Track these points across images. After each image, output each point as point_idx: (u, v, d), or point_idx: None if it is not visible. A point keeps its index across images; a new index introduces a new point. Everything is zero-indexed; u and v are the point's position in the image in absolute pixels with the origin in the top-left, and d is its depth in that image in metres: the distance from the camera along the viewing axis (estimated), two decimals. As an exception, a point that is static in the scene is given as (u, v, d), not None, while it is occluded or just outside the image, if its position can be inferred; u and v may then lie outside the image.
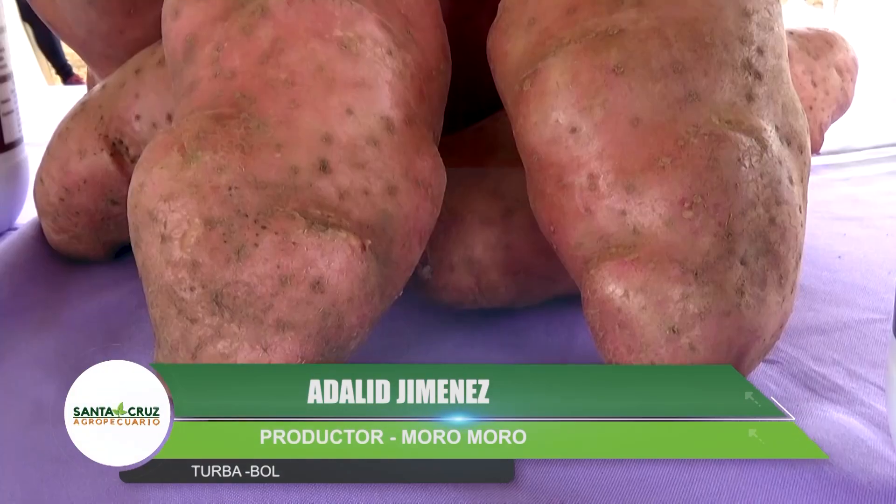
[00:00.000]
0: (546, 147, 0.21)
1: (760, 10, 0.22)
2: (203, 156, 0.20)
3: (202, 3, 0.23)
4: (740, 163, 0.20)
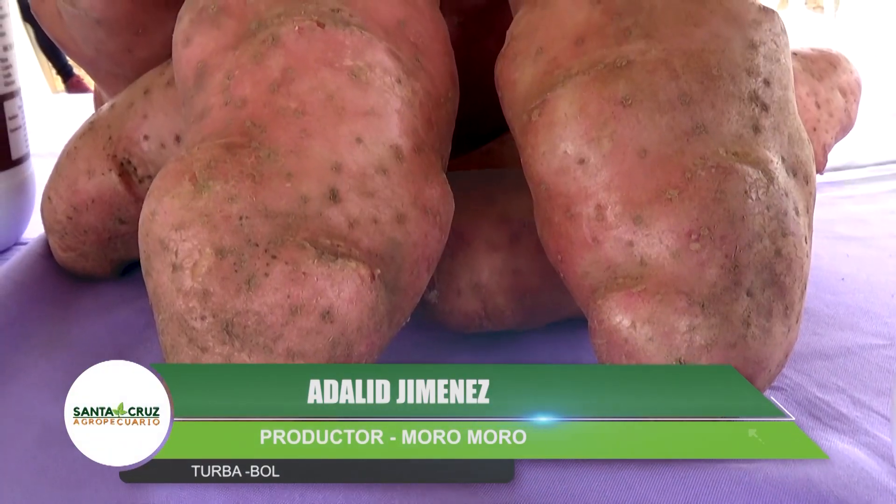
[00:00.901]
0: (554, 177, 0.22)
1: (767, 42, 0.22)
2: (214, 185, 0.20)
3: (213, 30, 0.23)
4: (747, 195, 0.21)
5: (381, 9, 0.23)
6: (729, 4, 0.22)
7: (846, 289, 0.31)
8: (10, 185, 0.35)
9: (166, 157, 0.29)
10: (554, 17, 0.23)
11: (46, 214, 0.31)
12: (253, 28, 0.22)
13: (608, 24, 0.22)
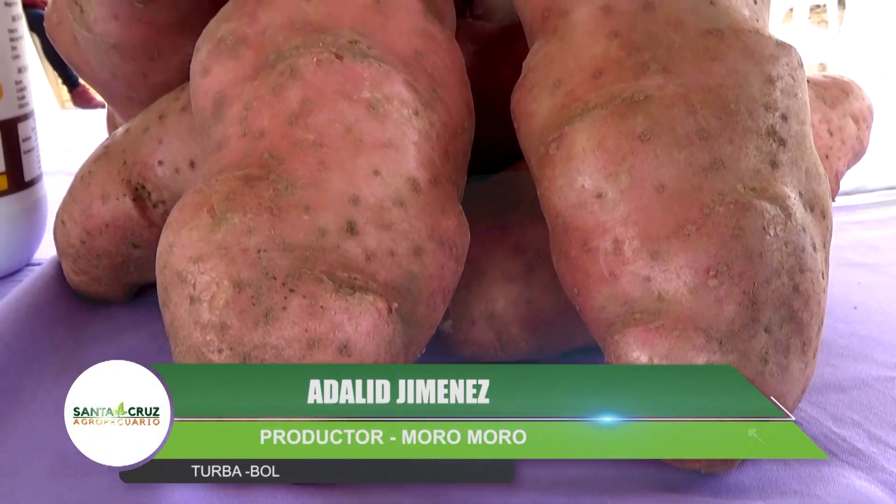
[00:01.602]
0: (571, 211, 0.22)
1: (784, 77, 0.22)
2: (232, 218, 0.20)
3: (232, 61, 0.23)
4: (765, 231, 0.21)
5: (399, 40, 0.23)
6: (746, 39, 0.22)
7: (859, 318, 0.31)
8: (23, 206, 0.35)
9: (181, 183, 0.29)
10: (571, 50, 0.23)
11: (60, 238, 0.31)
12: (271, 60, 0.22)
13: (626, 58, 0.22)
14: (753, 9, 0.24)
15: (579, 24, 0.23)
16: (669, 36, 0.22)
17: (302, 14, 0.23)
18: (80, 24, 0.30)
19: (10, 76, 0.34)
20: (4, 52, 0.33)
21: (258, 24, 0.23)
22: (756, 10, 0.24)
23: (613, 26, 0.22)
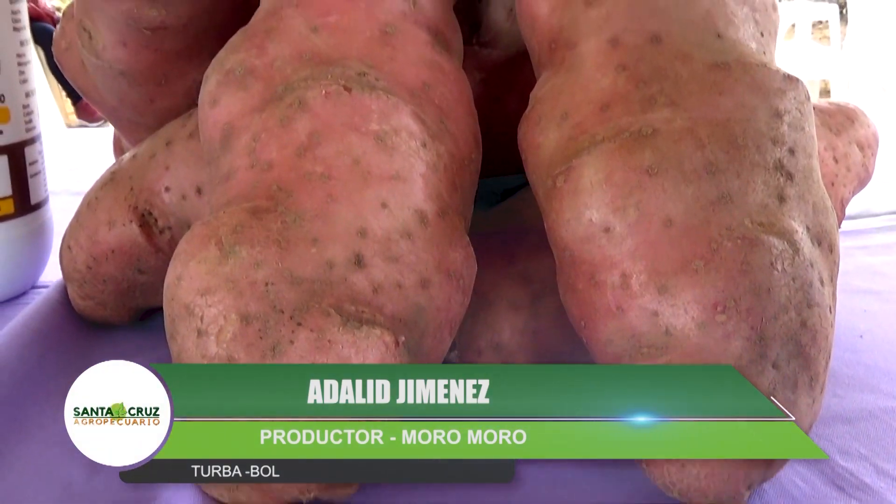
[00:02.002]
0: (579, 244, 0.22)
1: (792, 111, 0.22)
2: (240, 251, 0.21)
3: (240, 92, 0.23)
4: (773, 267, 0.21)
5: (407, 72, 0.23)
6: (754, 73, 0.22)
7: (865, 347, 0.31)
8: (29, 229, 0.35)
9: (187, 209, 0.29)
10: (579, 82, 0.23)
11: (66, 263, 0.31)
12: (280, 91, 0.23)
13: (633, 91, 0.22)
14: (760, 41, 0.24)
15: (587, 57, 0.23)
16: (677, 69, 0.22)
17: (310, 46, 0.23)
18: (88, 51, 0.30)
19: (17, 100, 0.34)
20: (12, 77, 0.33)
21: (267, 56, 0.23)
22: (763, 43, 0.24)
23: (621, 59, 0.22)
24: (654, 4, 0.23)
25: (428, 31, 0.25)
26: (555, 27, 0.24)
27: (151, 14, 0.28)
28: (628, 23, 0.23)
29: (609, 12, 0.23)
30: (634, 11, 0.23)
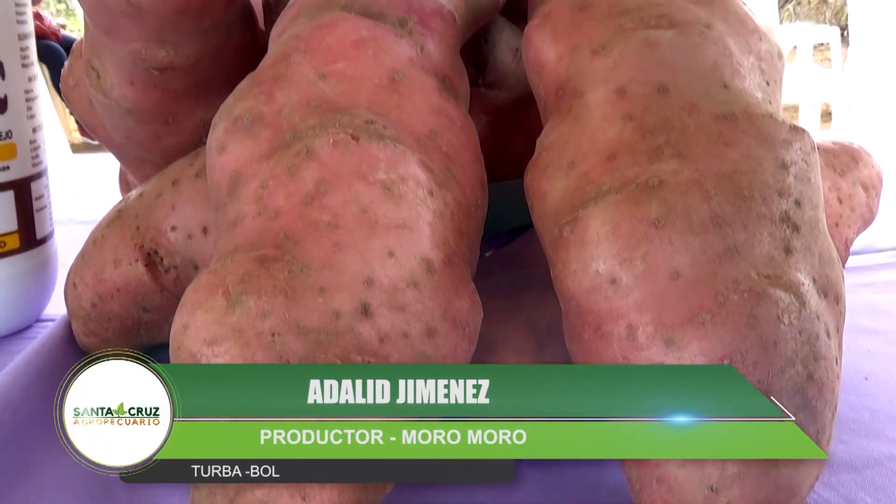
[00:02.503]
0: (585, 295, 0.22)
1: (798, 162, 0.22)
2: (247, 301, 0.21)
3: (248, 140, 0.23)
4: (779, 320, 0.21)
5: (414, 119, 0.24)
6: (760, 124, 0.22)
7: (870, 390, 0.31)
8: (34, 263, 0.35)
9: (193, 248, 0.29)
10: (586, 131, 0.23)
11: (70, 300, 0.31)
12: (288, 139, 0.23)
13: (640, 142, 0.22)
14: (766, 91, 0.24)
15: (594, 106, 0.23)
16: (683, 120, 0.22)
17: (318, 93, 0.23)
18: (96, 89, 0.30)
19: (24, 136, 0.34)
20: (20, 113, 0.34)
21: (275, 103, 0.23)
22: (769, 92, 0.24)
23: (628, 109, 0.23)
24: (661, 55, 0.23)
25: (435, 78, 0.25)
26: (562, 75, 0.24)
27: (159, 54, 0.28)
28: (635, 73, 0.23)
29: (616, 62, 0.23)
30: (641, 62, 0.23)
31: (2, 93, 0.33)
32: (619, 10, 0.24)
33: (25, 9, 0.34)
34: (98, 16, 0.28)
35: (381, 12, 0.25)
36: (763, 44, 0.24)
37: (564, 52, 0.24)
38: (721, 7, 0.24)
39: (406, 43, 0.25)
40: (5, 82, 0.33)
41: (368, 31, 0.24)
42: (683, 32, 0.23)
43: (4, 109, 0.33)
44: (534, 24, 0.25)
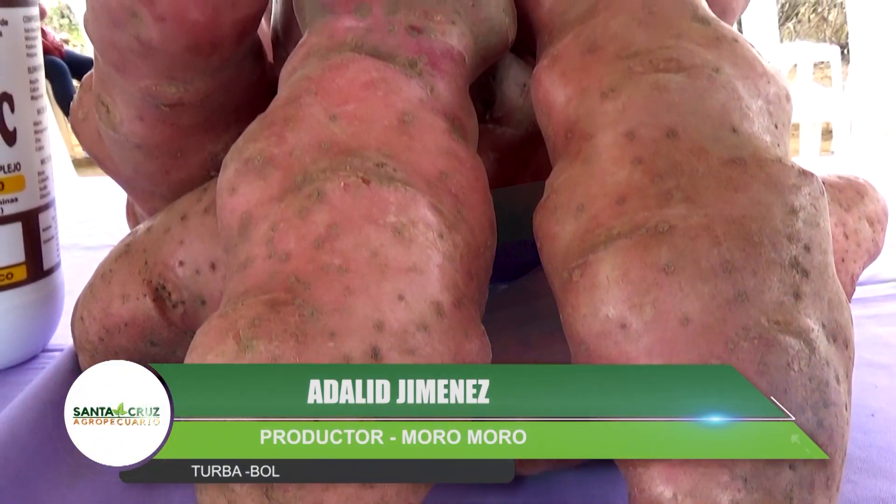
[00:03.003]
0: (595, 339, 0.22)
1: (807, 207, 0.22)
2: (258, 345, 0.21)
3: (259, 182, 0.23)
4: (789, 367, 0.21)
5: (424, 161, 0.24)
6: (770, 169, 0.22)
7: (877, 427, 0.31)
8: (40, 294, 0.35)
9: (201, 284, 0.29)
10: (595, 175, 0.23)
11: (78, 334, 0.31)
12: (298, 182, 0.23)
13: (649, 186, 0.22)
14: (775, 134, 0.24)
15: (603, 150, 0.23)
16: (693, 164, 0.22)
17: (329, 135, 0.23)
18: (105, 124, 0.31)
19: (33, 168, 0.34)
20: (29, 146, 0.34)
21: (286, 145, 0.23)
22: (777, 135, 0.24)
23: (637, 153, 0.23)
24: (670, 99, 0.23)
25: (444, 119, 0.25)
26: (571, 117, 0.24)
27: (170, 91, 0.29)
28: (644, 116, 0.23)
29: (625, 105, 0.23)
30: (650, 105, 0.23)
31: (11, 125, 0.33)
32: (628, 53, 0.24)
33: (35, 42, 0.34)
34: (108, 53, 0.28)
35: (391, 53, 0.25)
36: (771, 87, 0.24)
37: (574, 95, 0.24)
38: (729, 50, 0.24)
39: (416, 84, 0.25)
40: (14, 115, 0.33)
41: (378, 73, 0.25)
42: (692, 76, 0.24)
43: (13, 142, 0.33)
44: (543, 65, 0.26)
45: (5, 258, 0.33)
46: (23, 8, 0.33)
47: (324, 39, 0.25)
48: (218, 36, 0.27)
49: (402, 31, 0.25)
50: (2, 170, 0.33)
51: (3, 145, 0.33)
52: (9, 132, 0.33)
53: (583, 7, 0.26)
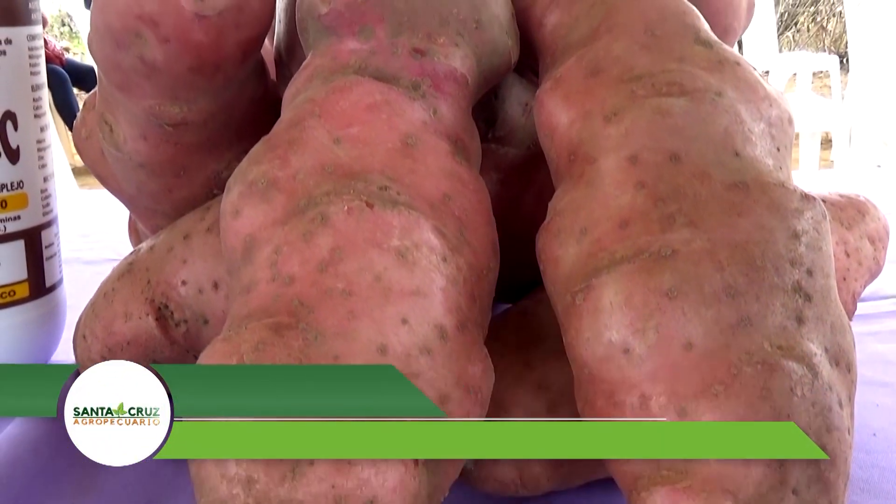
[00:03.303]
0: (598, 364, 0.22)
1: (809, 231, 0.23)
2: (262, 369, 0.21)
3: (263, 205, 0.23)
4: (792, 392, 0.21)
5: (428, 184, 0.24)
6: (772, 194, 0.22)
7: (879, 447, 0.31)
8: (42, 311, 0.35)
9: (203, 303, 0.29)
10: (598, 198, 0.23)
11: (80, 352, 0.31)
12: (302, 205, 0.23)
13: (652, 210, 0.22)
14: (777, 157, 0.24)
15: (606, 173, 0.23)
16: (696, 188, 0.22)
17: (332, 157, 0.24)
18: (108, 143, 0.31)
19: (36, 185, 0.34)
20: (32, 164, 0.34)
21: (289, 168, 0.23)
22: (779, 158, 0.24)
23: (640, 177, 0.23)
24: (673, 123, 0.23)
25: (448, 141, 0.25)
26: (574, 140, 0.24)
27: (173, 111, 0.29)
28: (647, 141, 0.23)
29: (628, 130, 0.23)
30: (653, 130, 0.23)
31: (14, 143, 0.33)
32: (631, 77, 0.24)
33: (39, 60, 0.34)
34: (112, 73, 0.28)
35: (394, 76, 0.25)
36: (773, 110, 0.25)
37: (577, 118, 0.24)
38: (731, 74, 0.24)
39: (419, 106, 0.25)
40: (18, 133, 0.33)
41: (382, 95, 0.25)
42: (695, 100, 0.24)
43: (17, 160, 0.33)
44: (546, 88, 0.26)
45: (8, 275, 0.33)
46: (26, 27, 0.33)
47: (327, 61, 0.26)
48: (222, 57, 0.27)
49: (406, 53, 0.25)
50: (5, 188, 0.33)
51: (7, 163, 0.33)
52: (12, 150, 0.33)
53: (585, 29, 0.26)
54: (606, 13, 0.26)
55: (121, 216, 0.41)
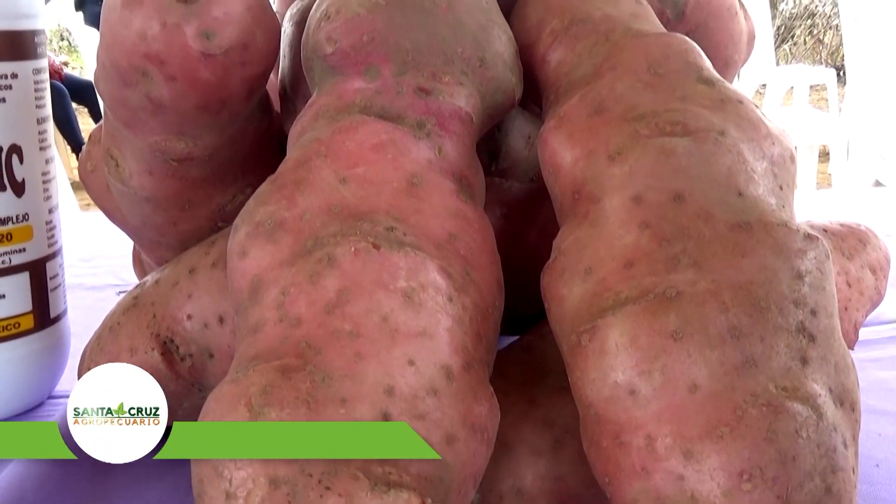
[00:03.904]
0: (604, 404, 0.22)
1: (813, 271, 0.23)
2: (270, 412, 0.21)
3: (270, 245, 0.23)
4: (798, 434, 0.21)
5: (433, 223, 0.24)
6: (776, 234, 0.23)
7: (881, 478, 0.31)
8: (46, 343, 0.35)
9: (209, 337, 0.29)
10: (603, 238, 0.23)
11: (85, 385, 0.31)
12: (309, 246, 0.23)
13: (657, 250, 0.22)
14: (780, 195, 0.24)
15: (610, 213, 0.23)
16: (699, 229, 0.23)
17: (339, 198, 0.24)
18: (114, 177, 0.31)
19: (41, 217, 0.34)
20: (37, 196, 0.34)
21: (296, 208, 0.24)
22: (782, 196, 0.24)
23: (644, 217, 0.23)
24: (677, 163, 0.23)
25: (452, 179, 0.25)
26: (578, 179, 0.25)
27: (179, 146, 0.29)
28: (651, 181, 0.23)
29: (632, 169, 0.24)
30: (657, 169, 0.23)
31: (20, 176, 0.33)
32: (634, 116, 0.25)
33: (44, 93, 0.34)
34: (119, 110, 0.28)
35: (399, 115, 0.25)
36: (776, 147, 0.25)
37: (580, 157, 0.25)
38: (734, 112, 0.25)
39: (424, 145, 0.25)
40: (23, 166, 0.33)
41: (387, 135, 0.25)
42: (698, 140, 0.24)
43: (22, 193, 0.33)
44: (550, 126, 0.26)
45: (13, 308, 0.34)
46: (32, 61, 0.33)
47: (333, 100, 0.26)
48: (228, 94, 0.27)
49: (411, 92, 0.25)
50: (10, 220, 0.33)
51: (12, 196, 0.33)
52: (17, 183, 0.33)
53: (588, 67, 0.27)
54: (609, 51, 0.26)
55: (123, 240, 0.41)
